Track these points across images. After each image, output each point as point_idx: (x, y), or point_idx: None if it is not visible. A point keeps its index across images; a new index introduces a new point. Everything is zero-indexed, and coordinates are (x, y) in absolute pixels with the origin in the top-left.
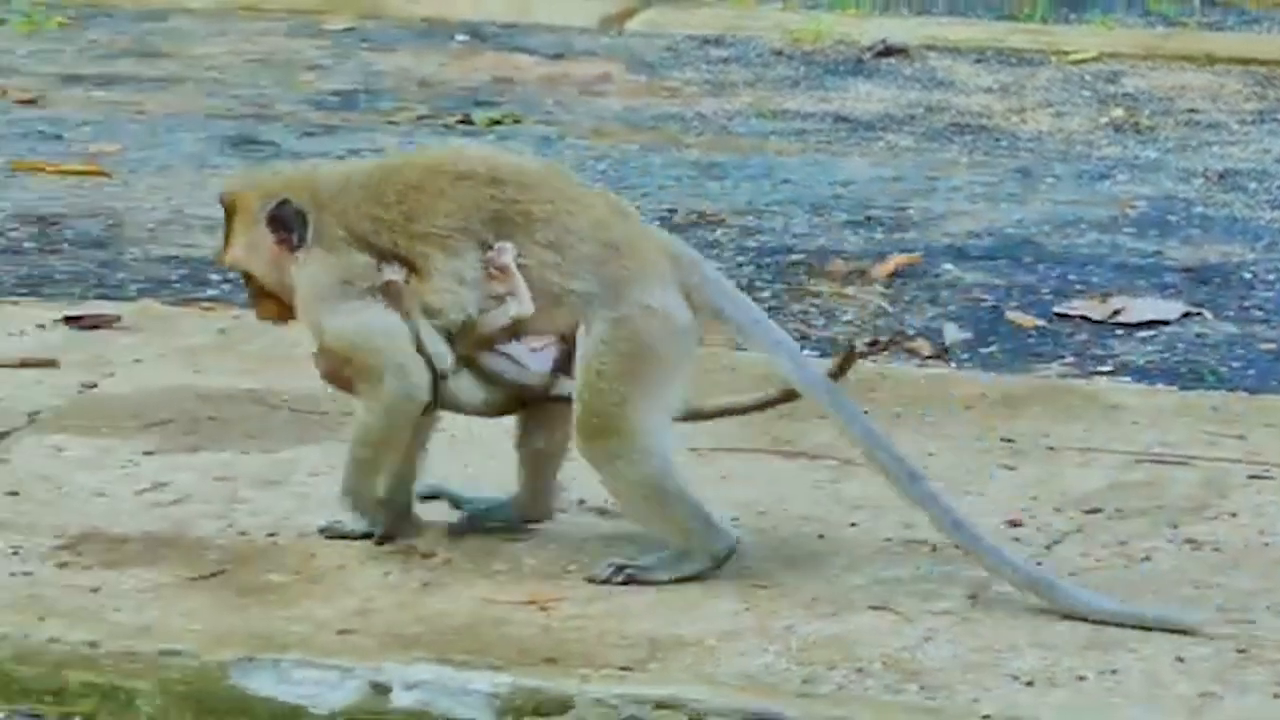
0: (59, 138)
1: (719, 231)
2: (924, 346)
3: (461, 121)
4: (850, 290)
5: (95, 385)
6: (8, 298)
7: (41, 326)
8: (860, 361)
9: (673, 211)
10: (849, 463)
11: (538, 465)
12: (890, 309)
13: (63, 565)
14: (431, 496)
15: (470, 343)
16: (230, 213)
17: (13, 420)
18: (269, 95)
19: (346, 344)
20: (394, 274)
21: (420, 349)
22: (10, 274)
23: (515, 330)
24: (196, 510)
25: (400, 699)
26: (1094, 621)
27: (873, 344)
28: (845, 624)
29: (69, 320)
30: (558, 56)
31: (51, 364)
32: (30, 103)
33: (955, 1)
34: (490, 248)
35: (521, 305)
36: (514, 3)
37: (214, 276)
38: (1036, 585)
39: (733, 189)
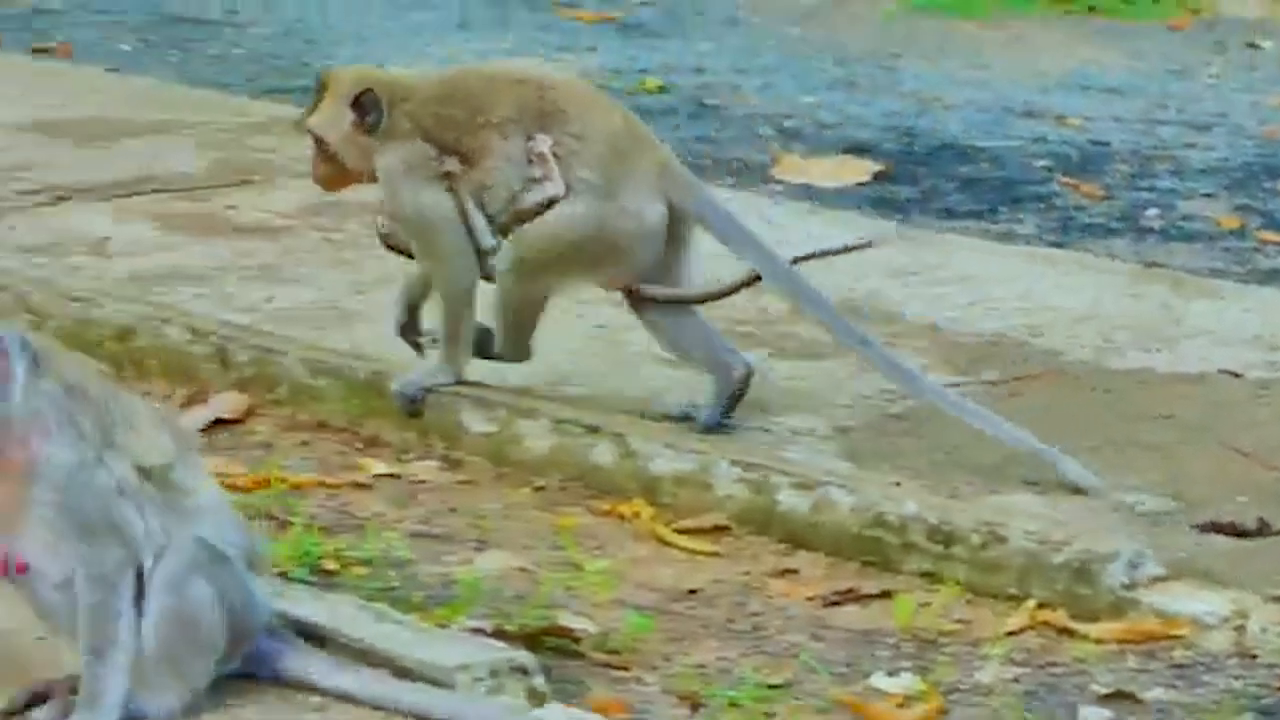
0: None
1: None
2: None
3: None
4: None
5: None
6: None
7: None
8: None
9: None
10: None
11: None
12: None
13: None
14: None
15: (510, 221)
16: (322, 88)
17: None
18: None
19: (414, 219)
20: (453, 165)
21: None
22: None
23: (544, 210)
24: None
25: None
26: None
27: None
28: None
29: None
30: None
31: None
32: None
33: None
34: (532, 138)
35: (556, 187)
36: None
37: None
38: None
39: None
